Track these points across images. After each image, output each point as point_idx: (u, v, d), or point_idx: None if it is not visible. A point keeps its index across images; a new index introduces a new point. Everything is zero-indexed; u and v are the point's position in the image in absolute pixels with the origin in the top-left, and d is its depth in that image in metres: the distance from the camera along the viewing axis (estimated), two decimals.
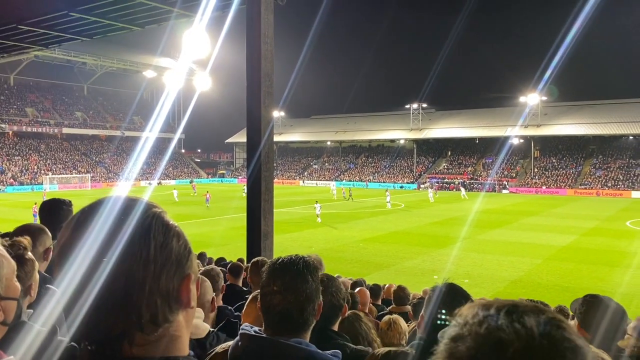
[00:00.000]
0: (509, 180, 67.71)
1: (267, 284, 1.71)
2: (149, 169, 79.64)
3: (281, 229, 25.64)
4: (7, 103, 78.58)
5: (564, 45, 36.55)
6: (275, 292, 1.69)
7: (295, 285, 1.69)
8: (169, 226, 0.95)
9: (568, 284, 17.28)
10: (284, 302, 1.68)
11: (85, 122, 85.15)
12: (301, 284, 1.70)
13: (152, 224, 0.92)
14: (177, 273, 0.93)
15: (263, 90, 10.11)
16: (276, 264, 1.76)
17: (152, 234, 0.91)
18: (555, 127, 69.64)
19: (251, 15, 9.89)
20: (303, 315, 1.70)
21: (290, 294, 1.68)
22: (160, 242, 0.92)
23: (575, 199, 54.04)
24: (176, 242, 0.94)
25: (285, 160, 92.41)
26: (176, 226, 0.96)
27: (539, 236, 27.07)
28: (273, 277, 1.71)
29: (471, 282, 17.44)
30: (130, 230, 0.89)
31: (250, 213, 11.71)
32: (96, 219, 0.91)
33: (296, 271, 1.71)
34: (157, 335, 0.92)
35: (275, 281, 1.70)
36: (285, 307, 1.67)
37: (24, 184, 64.49)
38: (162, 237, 0.92)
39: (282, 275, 1.71)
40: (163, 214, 0.96)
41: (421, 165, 79.69)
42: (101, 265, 0.87)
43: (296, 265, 1.73)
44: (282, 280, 1.70)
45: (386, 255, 22.08)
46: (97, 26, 18.53)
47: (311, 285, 1.73)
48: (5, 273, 1.32)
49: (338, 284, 2.39)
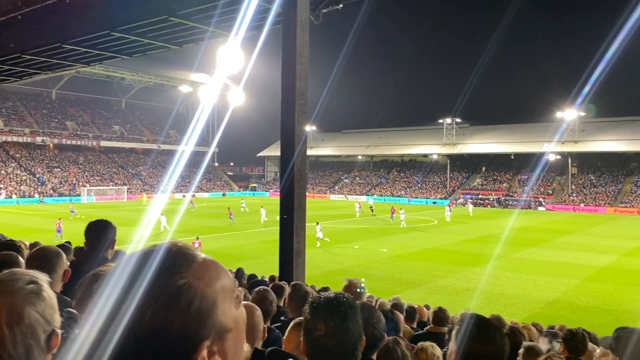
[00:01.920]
0: (545, 197, 66.19)
1: (316, 327, 1.71)
2: (183, 182, 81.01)
3: (312, 244, 25.64)
4: (49, 117, 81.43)
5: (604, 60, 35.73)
6: (328, 335, 1.69)
7: (347, 327, 1.70)
8: (180, 296, 0.85)
9: (609, 307, 16.70)
10: (338, 345, 1.69)
11: (122, 136, 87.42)
12: (352, 325, 1.72)
13: (154, 298, 0.84)
14: (183, 347, 0.85)
15: (297, 109, 10.20)
16: (320, 304, 1.75)
17: (149, 313, 0.83)
18: (594, 143, 67.85)
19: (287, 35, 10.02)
20: (355, 354, 1.72)
21: (343, 335, 1.69)
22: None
23: (615, 218, 52.40)
24: (183, 314, 0.85)
25: (316, 175, 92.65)
26: (190, 294, 0.86)
27: (577, 256, 26.32)
28: (322, 320, 1.71)
29: (506, 302, 17.05)
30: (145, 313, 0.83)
31: (283, 230, 11.76)
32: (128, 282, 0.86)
33: (344, 313, 1.72)
34: None
35: (327, 324, 1.70)
36: (339, 350, 1.69)
37: (63, 195, 66.42)
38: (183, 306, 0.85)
39: (332, 318, 1.71)
40: (177, 279, 0.86)
41: (455, 180, 78.71)
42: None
43: (343, 306, 1.74)
44: (334, 323, 1.70)
45: (418, 272, 21.80)
46: (137, 45, 19.08)
47: (359, 324, 1.76)
48: (56, 305, 1.34)
49: (379, 314, 2.38)
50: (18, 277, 1.29)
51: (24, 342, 1.20)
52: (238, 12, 13.26)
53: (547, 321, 11.89)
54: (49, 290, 1.33)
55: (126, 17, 15.65)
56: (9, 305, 1.21)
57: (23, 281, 1.27)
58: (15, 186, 64.82)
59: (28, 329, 1.21)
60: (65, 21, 16.74)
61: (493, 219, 47.88)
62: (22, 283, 1.27)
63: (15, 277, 1.29)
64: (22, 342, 1.20)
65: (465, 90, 70.42)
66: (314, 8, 12.94)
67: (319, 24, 14.04)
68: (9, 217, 42.57)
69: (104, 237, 3.55)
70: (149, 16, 15.50)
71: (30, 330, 1.22)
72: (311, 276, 16.18)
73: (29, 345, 1.21)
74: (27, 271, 1.35)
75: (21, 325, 1.20)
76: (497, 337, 2.16)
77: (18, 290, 1.25)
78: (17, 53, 20.28)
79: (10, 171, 68.12)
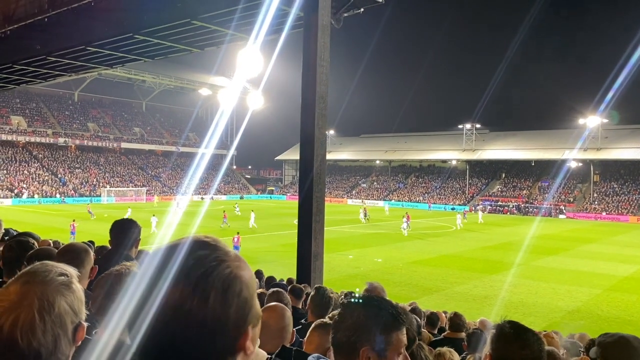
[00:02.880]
0: (566, 205, 65.23)
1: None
2: (202, 184, 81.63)
3: (329, 248, 25.62)
4: (71, 118, 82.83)
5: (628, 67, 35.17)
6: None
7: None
8: (233, 290, 0.92)
9: (631, 317, 16.37)
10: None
11: (142, 138, 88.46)
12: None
13: (208, 286, 0.89)
14: (236, 332, 0.93)
15: (317, 112, 10.21)
16: (352, 304, 1.75)
17: (210, 301, 0.89)
18: (617, 150, 66.70)
19: (308, 38, 10.05)
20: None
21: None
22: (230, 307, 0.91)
23: (638, 227, 51.40)
24: (236, 300, 0.92)
25: (333, 179, 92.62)
26: (238, 281, 0.93)
27: (598, 265, 25.87)
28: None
29: (525, 311, 16.81)
30: (190, 294, 0.88)
31: (301, 233, 11.77)
32: (168, 272, 0.90)
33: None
34: None
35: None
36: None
37: (84, 196, 67.40)
38: (234, 300, 0.92)
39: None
40: (223, 269, 0.92)
41: (474, 187, 78.01)
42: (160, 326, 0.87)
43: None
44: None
45: (436, 279, 21.63)
46: (159, 48, 19.31)
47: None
48: (84, 298, 1.38)
49: (411, 317, 2.37)
50: (50, 268, 1.33)
51: (52, 331, 1.23)
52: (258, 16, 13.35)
53: (567, 330, 11.68)
54: (78, 283, 1.37)
55: (149, 20, 15.87)
56: (40, 293, 1.24)
57: (55, 273, 1.32)
58: (38, 186, 65.98)
59: (57, 318, 1.24)
60: (90, 24, 17.03)
61: (512, 226, 47.31)
62: (54, 274, 1.31)
63: (47, 268, 1.33)
64: (52, 330, 1.23)
65: (485, 95, 70.08)
66: (335, 12, 12.96)
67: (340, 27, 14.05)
68: (30, 216, 43.34)
69: (128, 236, 3.59)
70: (171, 19, 15.69)
71: (60, 320, 1.25)
72: (328, 280, 16.14)
73: (57, 335, 1.24)
74: (58, 264, 1.39)
75: (51, 314, 1.23)
76: (535, 342, 2.13)
77: (50, 280, 1.29)
78: (43, 55, 20.67)
79: (33, 171, 69.38)
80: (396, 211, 55.91)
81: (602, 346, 2.75)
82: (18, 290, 1.25)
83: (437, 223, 47.11)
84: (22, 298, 1.23)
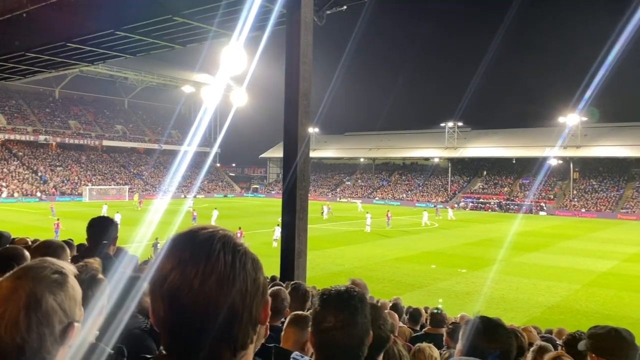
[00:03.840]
0: (546, 202, 66.11)
1: (325, 319, 1.71)
2: (185, 182, 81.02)
3: (312, 246, 25.63)
4: (52, 115, 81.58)
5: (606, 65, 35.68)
6: (337, 327, 1.69)
7: (356, 321, 1.70)
8: (257, 260, 1.03)
9: (609, 312, 16.68)
10: (347, 338, 1.69)
11: (125, 135, 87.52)
12: (360, 319, 1.72)
13: (246, 260, 1.00)
14: (262, 302, 1.03)
15: (300, 110, 10.20)
16: (331, 297, 1.76)
17: (247, 269, 0.99)
18: (596, 148, 67.79)
19: (290, 35, 10.04)
20: (362, 349, 1.72)
21: (352, 329, 1.69)
22: (253, 277, 1.00)
23: (616, 223, 52.31)
24: (262, 275, 1.03)
25: (318, 177, 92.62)
26: (259, 259, 1.04)
27: (577, 261, 26.29)
28: (332, 312, 1.71)
29: (506, 306, 17.04)
30: (230, 269, 0.97)
31: (285, 231, 11.76)
32: (196, 258, 0.97)
33: (354, 307, 1.73)
34: (240, 357, 1.01)
35: (336, 316, 1.70)
36: (347, 343, 1.69)
37: (65, 194, 66.48)
38: (254, 273, 1.01)
39: (342, 310, 1.71)
40: (248, 248, 1.03)
41: (456, 184, 78.66)
42: (206, 300, 0.95)
43: (353, 299, 1.74)
44: (343, 316, 1.70)
45: (419, 275, 21.79)
46: (141, 44, 19.11)
47: (368, 319, 1.76)
48: (79, 299, 1.36)
49: (385, 315, 2.39)
50: (46, 265, 1.32)
51: (37, 329, 1.21)
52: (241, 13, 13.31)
53: (547, 325, 11.87)
54: (75, 283, 1.35)
55: (131, 16, 15.71)
56: (29, 290, 1.23)
57: (50, 270, 1.31)
58: (18, 184, 64.92)
59: (44, 317, 1.23)
60: (70, 20, 16.79)
61: (494, 223, 47.83)
62: (48, 272, 1.30)
63: (43, 265, 1.32)
64: (37, 328, 1.21)
65: (467, 94, 70.54)
66: (318, 9, 12.96)
67: (323, 25, 14.06)
68: (9, 215, 42.66)
69: (106, 234, 3.55)
70: (153, 16, 15.55)
71: (46, 319, 1.24)
72: (312, 277, 16.16)
73: (43, 333, 1.22)
74: (58, 262, 1.37)
75: (37, 311, 1.22)
76: (504, 336, 2.17)
77: (42, 277, 1.28)
78: (22, 51, 20.31)
79: (13, 169, 68.24)
80: (378, 209, 56.07)
81: (592, 338, 2.76)
82: (9, 285, 1.25)
83: (420, 220, 47.40)
84: (11, 293, 1.23)
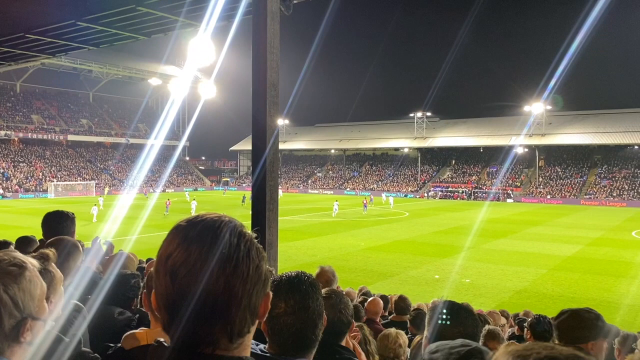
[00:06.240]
0: (513, 190, 67.52)
1: (276, 305, 1.63)
2: (153, 176, 79.77)
3: (284, 238, 25.61)
4: (13, 110, 79.04)
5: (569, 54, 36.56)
6: (288, 312, 1.64)
7: (307, 304, 1.66)
8: (261, 250, 1.05)
9: (574, 295, 17.18)
10: (297, 322, 1.64)
11: (90, 129, 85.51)
12: (312, 302, 1.68)
13: (251, 246, 1.02)
14: (263, 291, 1.04)
15: (269, 100, 10.08)
16: (282, 282, 1.71)
17: (251, 255, 1.01)
18: (560, 136, 69.51)
19: (257, 25, 9.89)
20: (315, 333, 1.68)
21: (304, 313, 1.65)
22: (256, 264, 1.02)
23: (580, 209, 53.81)
24: (265, 264, 1.05)
25: (289, 168, 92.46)
26: (263, 250, 1.06)
27: (544, 246, 26.95)
28: (282, 297, 1.66)
29: (476, 292, 17.35)
30: (233, 251, 0.99)
31: (255, 222, 11.69)
32: (202, 237, 0.99)
33: (305, 290, 1.69)
34: (237, 344, 1.02)
35: (287, 301, 1.65)
36: (299, 328, 1.64)
37: (29, 191, 64.69)
38: (257, 260, 1.02)
39: (292, 295, 1.67)
40: (253, 236, 1.05)
41: (425, 173, 79.58)
42: (207, 279, 0.96)
43: (304, 283, 1.70)
44: (294, 300, 1.65)
45: (390, 264, 22.00)
46: (104, 35, 18.57)
47: (320, 301, 1.72)
48: (38, 294, 1.30)
49: (347, 300, 2.37)
50: (7, 258, 1.28)
51: None
52: (208, 2, 13.07)
53: (515, 309, 12.15)
54: (36, 278, 1.30)
55: (92, 6, 15.26)
56: None
57: (7, 262, 1.26)
58: None
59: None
60: (29, 9, 16.23)
61: (462, 211, 48.61)
62: (5, 264, 1.25)
63: (3, 257, 1.28)
64: None
65: (435, 84, 71.28)
66: None
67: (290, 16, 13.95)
68: None
69: (63, 229, 3.41)
70: (116, 5, 15.13)
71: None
72: (283, 268, 16.11)
73: None
74: (20, 255, 1.32)
75: None
76: (468, 320, 2.17)
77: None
78: None
79: None
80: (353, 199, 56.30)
81: (559, 329, 2.92)
82: None
83: (391, 210, 47.84)
84: None
